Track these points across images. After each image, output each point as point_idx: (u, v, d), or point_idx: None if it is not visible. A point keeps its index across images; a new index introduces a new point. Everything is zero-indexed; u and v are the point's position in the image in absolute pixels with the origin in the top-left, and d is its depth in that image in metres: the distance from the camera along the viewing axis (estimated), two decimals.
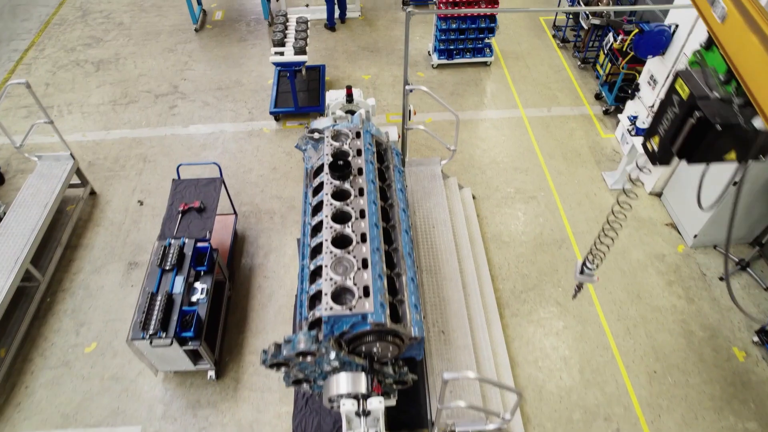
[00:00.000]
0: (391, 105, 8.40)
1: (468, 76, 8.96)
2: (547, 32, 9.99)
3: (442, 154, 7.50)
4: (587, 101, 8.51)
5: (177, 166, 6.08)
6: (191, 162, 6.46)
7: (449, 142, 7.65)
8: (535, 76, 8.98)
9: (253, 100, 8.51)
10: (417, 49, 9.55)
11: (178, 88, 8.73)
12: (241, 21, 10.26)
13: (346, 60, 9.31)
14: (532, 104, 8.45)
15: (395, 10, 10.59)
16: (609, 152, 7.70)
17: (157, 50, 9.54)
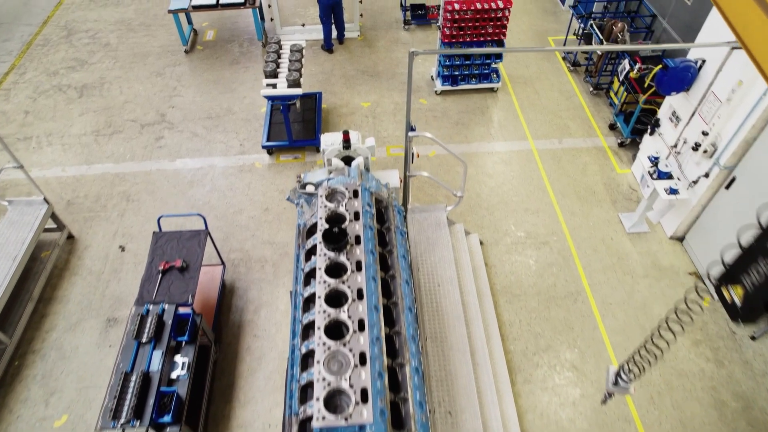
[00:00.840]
0: (392, 136, 7.88)
1: (474, 104, 8.44)
2: (557, 54, 9.47)
3: (448, 199, 6.98)
4: (601, 132, 8.00)
5: (158, 217, 5.56)
6: (174, 213, 5.97)
7: (455, 184, 7.15)
8: (545, 103, 8.46)
9: (245, 130, 7.99)
10: (419, 73, 9.03)
11: (165, 117, 8.21)
12: (234, 41, 9.74)
13: (344, 85, 8.78)
14: (543, 135, 7.93)
15: (396, 29, 10.06)
16: (625, 190, 7.18)
17: (145, 74, 9.02)
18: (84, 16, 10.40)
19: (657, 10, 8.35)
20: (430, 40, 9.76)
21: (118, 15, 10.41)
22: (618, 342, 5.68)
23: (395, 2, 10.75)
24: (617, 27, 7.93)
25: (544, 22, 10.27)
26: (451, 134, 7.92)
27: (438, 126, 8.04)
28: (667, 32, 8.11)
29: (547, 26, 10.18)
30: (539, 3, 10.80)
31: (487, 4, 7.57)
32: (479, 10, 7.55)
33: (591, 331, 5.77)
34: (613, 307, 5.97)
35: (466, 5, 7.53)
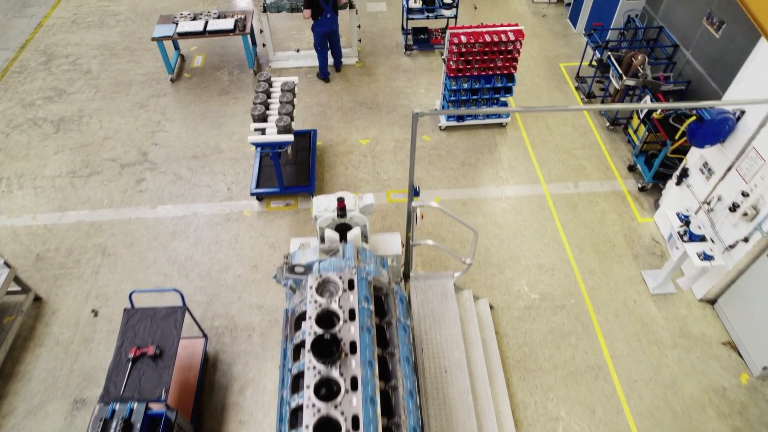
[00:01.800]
0: (393, 179, 7.26)
1: (481, 141, 7.82)
2: (569, 83, 8.83)
3: (456, 264, 6.34)
4: (619, 174, 7.37)
5: (130, 293, 4.93)
6: (148, 288, 5.37)
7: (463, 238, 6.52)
8: (558, 141, 7.83)
9: (233, 171, 7.37)
10: (421, 105, 8.40)
11: (147, 156, 7.58)
12: (224, 68, 9.10)
13: (341, 119, 8.15)
14: (556, 177, 7.31)
15: (397, 54, 9.42)
16: (648, 242, 6.57)
17: (127, 105, 8.39)
18: (65, 39, 9.77)
19: (679, 40, 7.72)
20: (433, 66, 9.13)
21: (102, 38, 9.78)
22: (646, 428, 5.06)
23: (396, 24, 10.12)
24: (637, 59, 7.29)
25: (554, 46, 9.63)
26: (457, 176, 7.30)
27: (443, 167, 7.42)
28: (690, 64, 7.49)
29: (558, 50, 9.55)
30: (549, 25, 10.17)
31: (497, 37, 6.94)
32: (488, 43, 6.93)
33: (615, 415, 5.15)
34: (638, 385, 5.35)
35: (473, 38, 6.90)
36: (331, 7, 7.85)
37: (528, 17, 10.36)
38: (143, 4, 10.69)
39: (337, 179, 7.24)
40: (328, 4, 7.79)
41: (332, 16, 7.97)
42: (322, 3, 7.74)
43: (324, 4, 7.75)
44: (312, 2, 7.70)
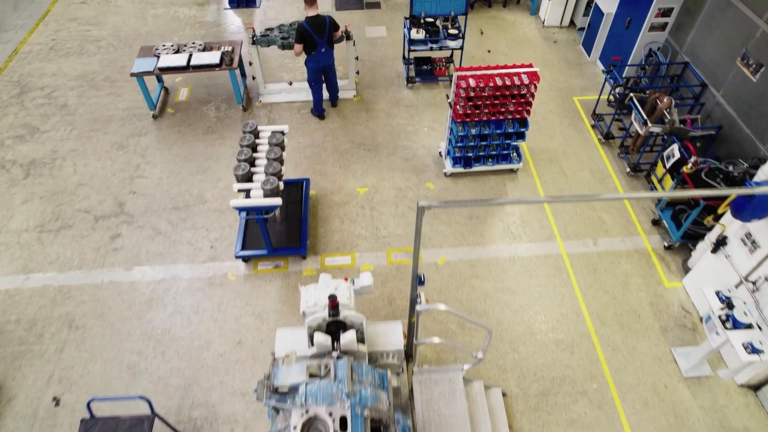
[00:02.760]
0: (393, 235, 6.59)
1: (491, 189, 7.14)
2: (585, 120, 8.15)
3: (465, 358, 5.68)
4: (642, 229, 6.70)
5: (88, 402, 4.27)
6: (111, 396, 4.74)
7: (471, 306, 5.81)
8: (575, 189, 7.16)
9: (218, 226, 6.70)
10: (425, 146, 7.72)
11: (124, 207, 6.91)
12: (210, 103, 8.42)
13: (336, 162, 7.47)
14: (574, 233, 6.64)
15: (398, 86, 8.74)
16: (677, 312, 5.90)
17: (105, 146, 7.71)
18: (41, 68, 9.08)
19: (707, 78, 7.04)
20: (437, 101, 8.44)
21: (81, 67, 9.09)
22: None
23: (397, 51, 9.43)
24: (662, 102, 6.61)
25: (567, 77, 8.95)
26: (464, 232, 6.63)
27: (448, 220, 6.74)
28: (721, 107, 6.82)
29: (571, 82, 8.86)
30: (561, 52, 9.48)
31: (509, 80, 6.26)
32: (499, 87, 6.25)
33: None
34: None
35: (483, 81, 6.22)
36: (325, 41, 7.17)
37: (538, 43, 9.68)
38: (126, 28, 10.00)
39: (331, 236, 6.57)
40: (322, 37, 7.11)
41: (327, 51, 7.29)
42: (316, 37, 7.06)
43: (317, 38, 7.07)
44: (304, 36, 7.03)
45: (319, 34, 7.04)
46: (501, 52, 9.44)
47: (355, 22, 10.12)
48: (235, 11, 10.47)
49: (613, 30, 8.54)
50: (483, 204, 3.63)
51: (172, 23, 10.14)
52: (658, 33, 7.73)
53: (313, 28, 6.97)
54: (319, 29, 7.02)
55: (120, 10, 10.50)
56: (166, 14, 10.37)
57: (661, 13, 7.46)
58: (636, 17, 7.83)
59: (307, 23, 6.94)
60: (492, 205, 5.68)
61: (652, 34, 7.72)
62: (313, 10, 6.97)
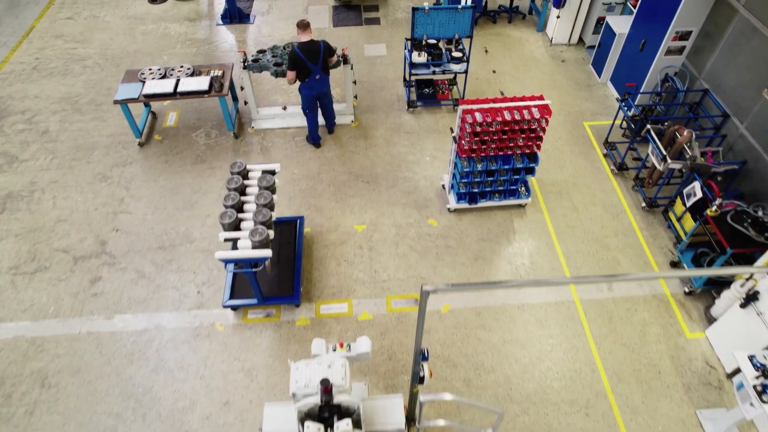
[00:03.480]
0: (393, 279, 6.14)
1: (497, 226, 6.69)
2: (596, 148, 7.69)
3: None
4: (658, 269, 6.26)
5: None
6: None
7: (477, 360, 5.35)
8: (587, 225, 6.71)
9: (205, 268, 6.25)
10: (427, 178, 7.27)
11: (105, 247, 6.47)
12: (200, 129, 7.96)
13: (332, 196, 7.02)
14: (586, 275, 6.20)
15: (398, 110, 8.28)
16: (700, 367, 5.46)
17: (87, 177, 7.26)
18: (23, 90, 8.62)
19: (729, 108, 6.59)
20: (439, 126, 7.99)
21: (65, 89, 8.64)
22: None
23: (397, 71, 8.97)
24: (682, 136, 6.16)
25: (577, 100, 8.49)
26: (470, 275, 6.18)
27: (453, 262, 6.30)
28: (744, 139, 6.37)
29: (581, 105, 8.40)
30: (569, 72, 9.02)
31: (518, 114, 5.81)
32: (508, 122, 5.80)
33: None
34: None
35: (490, 116, 5.77)
36: (320, 68, 6.71)
37: (545, 62, 9.22)
38: (114, 45, 9.54)
39: (327, 280, 6.13)
40: (316, 64, 6.65)
41: (322, 78, 6.83)
42: (309, 64, 6.60)
43: (311, 65, 6.62)
44: (296, 63, 6.57)
45: (312, 61, 6.59)
46: (507, 72, 8.99)
47: (353, 40, 9.67)
48: (228, 27, 10.01)
49: (625, 51, 8.08)
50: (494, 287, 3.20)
51: (161, 40, 9.68)
52: (674, 57, 7.27)
53: (306, 54, 6.52)
54: (312, 55, 6.57)
55: (108, 26, 10.04)
56: (155, 30, 9.91)
57: (678, 36, 7.01)
58: (651, 40, 7.37)
59: (299, 49, 6.48)
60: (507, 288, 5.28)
61: (668, 58, 7.26)
62: (306, 35, 6.51)
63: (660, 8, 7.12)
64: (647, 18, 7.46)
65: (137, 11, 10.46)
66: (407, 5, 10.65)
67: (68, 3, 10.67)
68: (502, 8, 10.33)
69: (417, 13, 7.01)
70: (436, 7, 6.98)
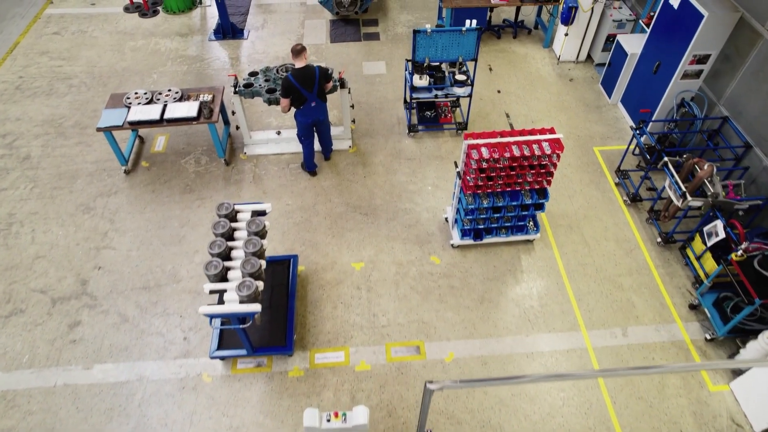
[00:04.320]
0: (393, 324, 5.73)
1: (504, 264, 6.29)
2: (607, 175, 7.29)
3: None
4: (678, 314, 5.85)
5: None
6: None
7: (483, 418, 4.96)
8: (599, 263, 6.31)
9: (192, 311, 5.85)
10: (429, 209, 6.86)
11: (87, 287, 6.06)
12: (190, 155, 7.56)
13: (329, 230, 6.62)
14: (600, 320, 5.79)
15: (398, 134, 7.87)
16: (726, 426, 5.05)
17: (69, 208, 6.86)
18: (5, 112, 8.21)
19: (753, 139, 6.19)
20: (442, 152, 7.58)
21: (49, 110, 8.23)
22: None
23: (397, 91, 8.56)
24: (703, 170, 5.75)
25: (586, 123, 8.08)
26: (475, 320, 5.77)
27: (457, 305, 5.89)
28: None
29: (590, 128, 7.99)
30: (578, 92, 8.61)
31: (528, 149, 5.41)
32: (516, 158, 5.40)
33: None
34: None
35: (498, 151, 5.36)
36: (316, 95, 6.31)
37: (552, 81, 8.81)
38: (102, 63, 9.13)
39: (322, 325, 5.72)
40: (311, 91, 6.25)
41: (318, 105, 6.43)
42: (305, 92, 6.20)
43: (306, 92, 6.21)
44: (290, 91, 6.17)
45: (307, 88, 6.18)
46: (512, 92, 8.58)
47: (352, 57, 9.26)
48: (221, 43, 9.60)
49: (638, 72, 7.67)
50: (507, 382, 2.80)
51: (151, 57, 9.27)
52: (691, 81, 6.86)
53: (301, 81, 6.11)
54: (307, 83, 6.16)
55: (96, 41, 9.63)
56: (145, 47, 9.51)
57: (696, 60, 6.60)
58: (666, 62, 6.97)
59: (293, 76, 6.08)
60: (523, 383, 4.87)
61: (684, 82, 6.85)
62: (300, 61, 6.10)
63: (676, 30, 6.72)
64: (662, 39, 7.05)
65: (127, 25, 10.05)
66: (408, 19, 10.24)
67: (55, 17, 10.27)
68: (507, 23, 9.92)
69: (418, 35, 6.60)
70: (438, 30, 6.56)
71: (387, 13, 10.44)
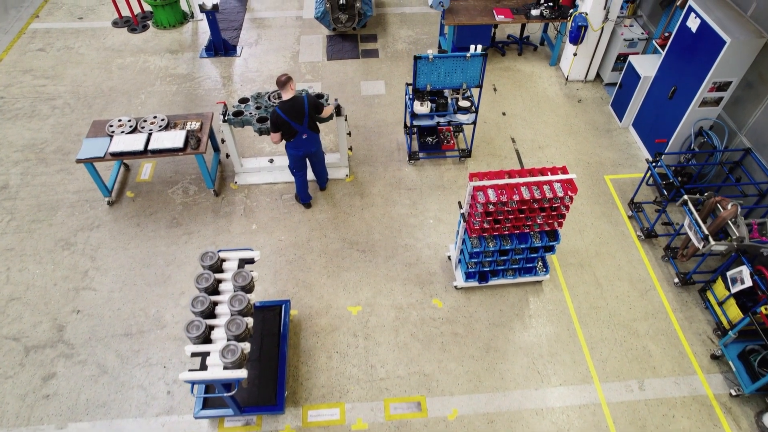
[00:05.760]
0: (392, 377, 5.32)
1: (511, 308, 5.88)
2: (619, 207, 6.87)
3: None
4: (699, 364, 5.45)
5: None
6: None
7: None
8: (612, 306, 5.90)
9: (177, 360, 5.44)
10: (430, 245, 6.45)
11: (63, 333, 5.65)
12: (177, 184, 7.14)
13: (323, 269, 6.20)
14: (614, 371, 5.38)
15: (398, 161, 7.45)
16: None
17: (48, 244, 6.44)
18: None
19: None
20: (444, 181, 7.17)
21: (30, 134, 7.81)
22: None
23: (397, 114, 8.15)
24: (726, 210, 5.33)
25: (596, 148, 7.66)
26: (480, 372, 5.36)
27: (460, 354, 5.48)
28: None
29: (601, 154, 7.58)
30: (587, 114, 8.20)
31: (539, 191, 5.00)
32: (526, 200, 4.99)
33: None
34: None
35: (506, 194, 4.95)
36: (306, 126, 5.89)
37: (560, 103, 8.39)
38: (87, 82, 8.71)
39: (316, 378, 5.31)
40: (302, 124, 5.82)
41: (309, 137, 6.01)
42: (294, 125, 5.77)
43: (296, 125, 5.79)
44: (279, 126, 5.76)
45: (297, 121, 5.76)
46: (517, 114, 8.16)
47: (349, 76, 8.84)
48: (212, 61, 9.18)
49: (652, 96, 7.25)
50: None
51: (140, 76, 8.85)
52: (710, 108, 6.45)
53: (290, 114, 5.69)
54: (296, 115, 5.74)
55: (82, 59, 9.21)
56: (134, 64, 9.09)
57: (716, 87, 6.19)
58: (683, 88, 6.55)
59: (281, 110, 5.65)
60: None
61: (702, 109, 6.45)
62: (288, 93, 5.68)
63: (694, 54, 6.30)
64: (678, 63, 6.63)
65: (115, 41, 9.63)
66: (408, 35, 9.82)
67: (41, 32, 9.85)
68: (512, 38, 9.51)
69: (420, 62, 6.18)
70: (441, 56, 6.14)
71: (386, 27, 10.02)
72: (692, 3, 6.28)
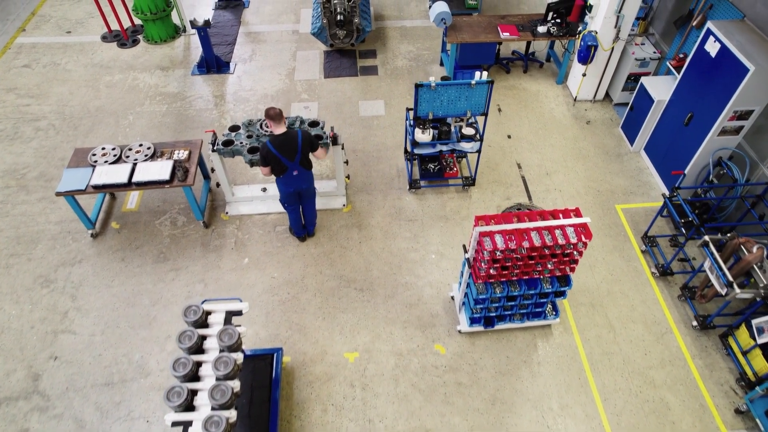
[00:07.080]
0: (391, 431, 4.97)
1: (518, 354, 5.50)
2: (632, 239, 6.50)
3: None
4: (721, 419, 5.08)
5: None
6: None
7: None
8: (626, 351, 5.52)
9: (161, 414, 5.07)
10: (432, 284, 6.07)
11: (39, 383, 5.28)
12: (165, 214, 6.77)
13: (318, 311, 5.83)
14: (629, 427, 4.99)
15: (398, 189, 7.08)
16: None
17: (26, 281, 6.07)
18: None
19: None
20: (446, 212, 6.79)
21: (11, 158, 7.44)
22: None
23: (397, 138, 7.76)
24: (751, 254, 4.96)
25: (606, 174, 7.28)
26: (487, 427, 4.98)
27: (465, 406, 5.11)
28: None
29: (611, 180, 7.20)
30: (596, 137, 7.82)
31: (550, 236, 4.62)
32: (536, 248, 4.61)
33: None
34: None
35: (515, 240, 4.58)
36: (297, 164, 5.50)
37: (568, 124, 8.01)
38: (74, 102, 8.33)
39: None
40: (293, 160, 5.43)
41: (301, 174, 5.61)
42: (285, 161, 5.39)
43: (287, 161, 5.41)
44: (269, 160, 5.38)
45: (289, 157, 5.37)
46: (523, 137, 7.78)
47: (347, 95, 8.46)
48: (204, 78, 8.79)
49: (666, 121, 6.88)
50: None
51: (128, 95, 8.47)
52: (729, 137, 6.08)
53: (281, 150, 5.30)
54: (288, 151, 5.34)
55: (69, 76, 8.83)
56: (122, 82, 8.71)
57: (736, 116, 5.82)
58: (700, 115, 6.18)
59: (271, 144, 5.27)
60: None
61: (721, 138, 6.08)
62: (279, 127, 5.30)
63: (713, 80, 5.92)
64: (695, 88, 6.25)
65: (104, 57, 9.25)
66: (409, 50, 9.44)
67: (27, 47, 9.47)
68: (517, 55, 9.13)
69: (421, 90, 5.79)
70: (444, 84, 5.76)
71: (386, 42, 9.64)
72: (711, 26, 5.90)
